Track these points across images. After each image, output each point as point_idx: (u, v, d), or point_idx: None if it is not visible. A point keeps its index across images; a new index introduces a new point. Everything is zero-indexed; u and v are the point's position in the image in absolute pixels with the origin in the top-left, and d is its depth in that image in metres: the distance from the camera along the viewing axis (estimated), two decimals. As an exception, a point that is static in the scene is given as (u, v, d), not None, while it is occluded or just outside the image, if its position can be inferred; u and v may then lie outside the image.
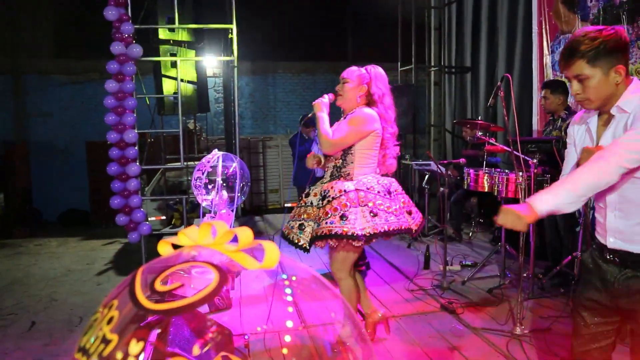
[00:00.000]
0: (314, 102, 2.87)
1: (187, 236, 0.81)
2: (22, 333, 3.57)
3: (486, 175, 3.91)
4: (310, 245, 2.73)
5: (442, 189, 5.21)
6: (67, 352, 3.21)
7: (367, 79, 2.82)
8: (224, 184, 3.83)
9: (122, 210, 4.75)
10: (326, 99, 2.87)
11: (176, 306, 0.67)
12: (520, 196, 3.49)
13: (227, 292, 3.79)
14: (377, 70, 2.86)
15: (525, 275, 3.53)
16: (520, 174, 3.43)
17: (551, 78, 4.94)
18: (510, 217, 1.54)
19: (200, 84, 6.33)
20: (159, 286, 0.70)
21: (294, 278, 0.84)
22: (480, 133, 4.11)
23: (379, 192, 2.70)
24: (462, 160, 5.14)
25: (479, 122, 4.38)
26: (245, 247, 0.77)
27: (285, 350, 0.96)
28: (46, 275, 5.13)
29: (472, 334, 3.26)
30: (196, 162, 4.23)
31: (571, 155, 1.85)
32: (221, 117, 9.40)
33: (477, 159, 5.21)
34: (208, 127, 9.38)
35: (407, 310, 3.71)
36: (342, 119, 2.90)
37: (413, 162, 6.61)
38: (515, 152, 3.24)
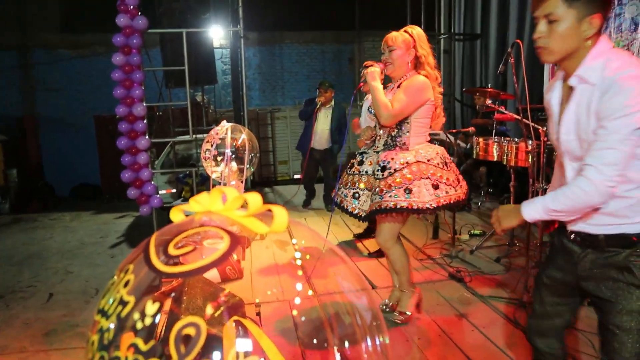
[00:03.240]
0: (365, 71, 2.78)
1: (199, 202, 0.82)
2: (41, 304, 3.67)
3: (496, 144, 3.89)
4: (369, 217, 2.72)
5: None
6: (84, 322, 3.31)
7: (412, 42, 2.74)
8: (233, 156, 3.84)
9: (133, 183, 4.79)
10: (377, 67, 2.78)
11: (190, 268, 0.69)
12: (529, 165, 3.47)
13: (238, 262, 3.85)
14: (418, 31, 2.78)
15: (533, 243, 3.54)
16: (530, 142, 3.40)
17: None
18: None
19: (207, 55, 6.28)
20: (172, 250, 0.72)
21: (303, 242, 0.86)
22: (489, 101, 4.06)
23: (438, 163, 2.70)
24: (471, 129, 5.10)
25: (489, 89, 4.32)
26: (255, 212, 0.79)
27: (295, 312, 0.98)
28: (61, 249, 5.24)
29: (480, 302, 3.30)
30: (205, 135, 4.23)
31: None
32: (229, 89, 9.36)
33: (487, 128, 5.17)
34: (216, 99, 9.35)
35: (416, 279, 3.74)
36: (392, 87, 2.83)
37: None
38: (525, 120, 3.21)
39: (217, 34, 7.48)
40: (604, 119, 1.34)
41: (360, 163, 2.86)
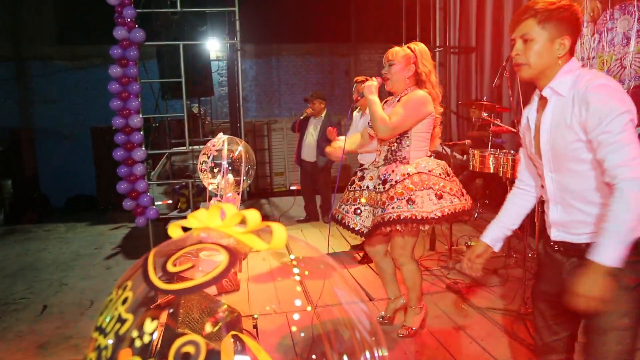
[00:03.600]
0: (363, 85, 2.76)
1: (197, 219, 0.82)
2: (35, 317, 3.64)
3: (492, 156, 3.90)
4: (372, 232, 2.69)
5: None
6: (79, 335, 3.28)
7: (413, 58, 2.72)
8: (230, 168, 3.84)
9: (129, 195, 4.78)
10: (375, 81, 2.76)
11: (188, 286, 0.68)
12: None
13: (235, 274, 3.84)
14: (421, 47, 2.76)
15: (530, 255, 3.54)
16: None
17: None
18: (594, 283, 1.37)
19: (204, 67, 6.31)
20: (170, 267, 0.72)
21: (300, 257, 0.86)
22: (485, 114, 4.09)
23: (439, 174, 2.68)
24: (467, 141, 5.12)
25: (485, 102, 4.35)
26: (254, 229, 0.79)
27: (294, 328, 0.98)
28: (56, 260, 5.20)
29: (477, 313, 3.30)
30: (201, 146, 4.24)
31: (522, 153, 1.80)
32: (225, 101, 9.38)
33: (483, 140, 5.19)
34: (212, 111, 9.36)
35: (413, 291, 3.74)
36: (393, 101, 2.82)
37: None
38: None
39: (213, 46, 7.51)
40: (598, 127, 1.41)
41: (361, 179, 2.85)
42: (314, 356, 0.99)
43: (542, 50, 1.53)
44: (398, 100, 2.75)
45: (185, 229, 0.88)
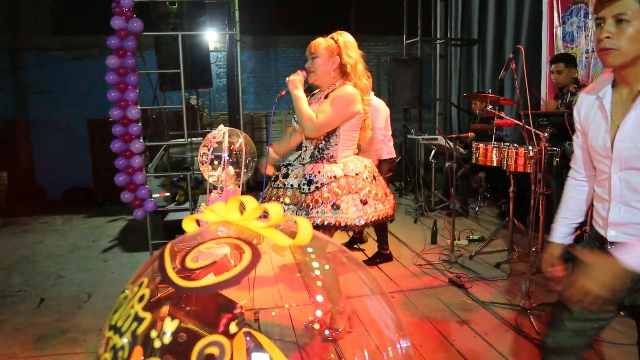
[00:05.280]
0: (287, 79, 2.63)
1: (215, 212, 0.78)
2: (32, 309, 3.60)
3: (495, 149, 3.87)
4: None
5: (448, 163, 5.18)
6: (76, 328, 3.24)
7: (337, 49, 2.60)
8: (230, 160, 3.79)
9: (127, 187, 4.71)
10: (300, 75, 2.63)
11: (210, 283, 0.64)
12: (529, 170, 3.45)
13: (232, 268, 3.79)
14: (345, 38, 2.64)
15: (533, 249, 3.52)
16: (532, 147, 3.38)
17: (561, 51, 4.84)
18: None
19: (203, 58, 6.22)
20: (190, 263, 0.68)
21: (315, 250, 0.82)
22: (490, 107, 4.04)
23: (366, 177, 2.59)
24: (470, 134, 5.09)
25: (490, 94, 4.30)
26: (276, 223, 0.74)
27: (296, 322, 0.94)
28: (53, 253, 5.14)
29: (481, 308, 3.28)
30: (199, 138, 4.18)
31: (578, 146, 1.67)
32: (223, 93, 9.30)
33: (486, 133, 5.16)
34: (210, 102, 9.28)
35: (416, 285, 3.72)
36: (319, 97, 2.69)
37: (419, 137, 6.55)
38: (527, 126, 3.20)
39: (212, 37, 7.42)
40: None
41: (285, 176, 2.71)
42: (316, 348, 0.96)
43: (639, 35, 1.32)
44: (325, 97, 2.63)
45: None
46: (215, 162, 3.86)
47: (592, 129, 1.54)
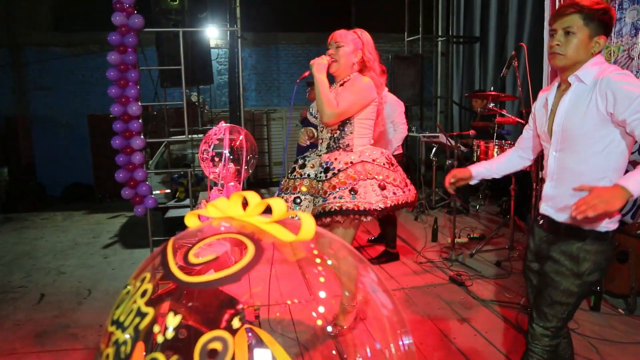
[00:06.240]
0: (312, 61, 2.59)
1: (217, 207, 0.77)
2: (33, 305, 3.60)
3: (496, 147, 3.86)
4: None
5: (449, 161, 5.17)
6: (77, 324, 3.24)
7: (360, 44, 2.64)
8: (231, 157, 3.78)
9: (127, 183, 4.71)
10: (325, 60, 2.59)
11: (212, 278, 0.64)
12: (532, 168, 3.44)
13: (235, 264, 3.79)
14: (367, 36, 2.68)
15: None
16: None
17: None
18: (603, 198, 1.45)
19: (204, 55, 6.21)
20: (192, 259, 0.67)
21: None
22: (492, 104, 4.03)
23: (383, 164, 2.59)
24: (471, 132, 5.08)
25: (492, 93, 4.29)
26: (279, 219, 0.74)
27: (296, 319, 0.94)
28: (53, 249, 5.15)
29: (481, 306, 3.28)
30: (200, 135, 4.17)
31: (526, 130, 2.03)
32: (224, 90, 9.29)
33: (488, 131, 5.15)
34: (211, 99, 9.27)
35: (416, 283, 3.72)
36: (335, 86, 2.69)
37: (420, 134, 6.54)
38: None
39: (213, 34, 7.41)
40: (629, 107, 1.54)
41: (302, 166, 2.72)
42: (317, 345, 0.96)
43: (580, 45, 1.66)
44: (341, 85, 2.64)
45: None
46: (216, 159, 3.86)
47: (538, 116, 1.89)
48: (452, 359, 2.65)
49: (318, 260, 0.85)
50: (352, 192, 2.45)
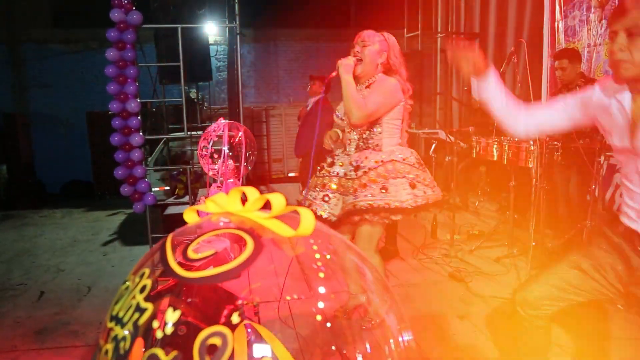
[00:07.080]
0: (339, 62, 2.55)
1: (216, 203, 0.77)
2: (32, 302, 3.60)
3: (496, 143, 3.86)
4: (341, 220, 2.56)
5: (448, 157, 5.17)
6: (76, 320, 3.24)
7: (386, 46, 2.63)
8: (230, 153, 3.78)
9: (126, 180, 4.71)
10: (351, 60, 2.56)
11: (211, 274, 0.63)
12: (530, 164, 3.44)
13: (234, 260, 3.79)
14: (393, 39, 2.67)
15: (533, 244, 3.52)
16: (532, 142, 3.38)
17: (563, 45, 4.82)
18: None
19: (203, 51, 6.20)
20: (192, 254, 0.67)
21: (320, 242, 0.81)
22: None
23: (413, 163, 2.59)
24: (470, 128, 5.08)
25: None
26: (279, 214, 0.73)
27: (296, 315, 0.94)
28: (53, 246, 5.15)
29: (481, 302, 3.28)
30: (199, 132, 4.17)
31: (567, 100, 1.66)
32: (223, 86, 9.27)
33: (487, 127, 5.14)
34: (210, 96, 9.26)
35: (416, 279, 3.72)
36: (360, 88, 2.65)
37: (420, 131, 6.54)
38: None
39: (211, 30, 7.40)
40: None
41: (331, 165, 2.72)
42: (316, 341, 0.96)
43: None
44: (367, 87, 2.62)
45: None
46: (215, 156, 3.86)
47: (607, 122, 1.54)
48: (452, 355, 2.66)
49: (317, 256, 0.85)
50: (383, 191, 2.45)
